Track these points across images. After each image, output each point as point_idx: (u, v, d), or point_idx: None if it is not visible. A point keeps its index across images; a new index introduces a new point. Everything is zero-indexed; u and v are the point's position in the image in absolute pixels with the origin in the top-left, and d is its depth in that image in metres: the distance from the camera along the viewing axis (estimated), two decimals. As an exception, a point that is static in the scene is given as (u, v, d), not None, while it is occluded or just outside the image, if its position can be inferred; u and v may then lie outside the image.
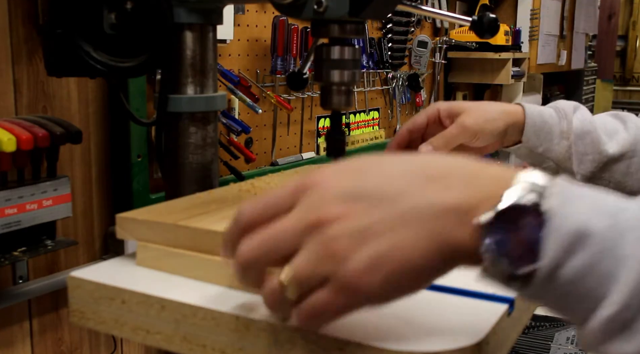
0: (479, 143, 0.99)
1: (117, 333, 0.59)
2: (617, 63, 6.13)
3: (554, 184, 0.43)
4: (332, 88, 0.78)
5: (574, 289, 0.41)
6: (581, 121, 0.99)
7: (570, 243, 0.40)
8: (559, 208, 0.41)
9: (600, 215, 0.41)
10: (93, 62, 0.81)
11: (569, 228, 0.41)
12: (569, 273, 0.40)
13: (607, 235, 0.40)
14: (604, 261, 0.40)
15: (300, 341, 0.50)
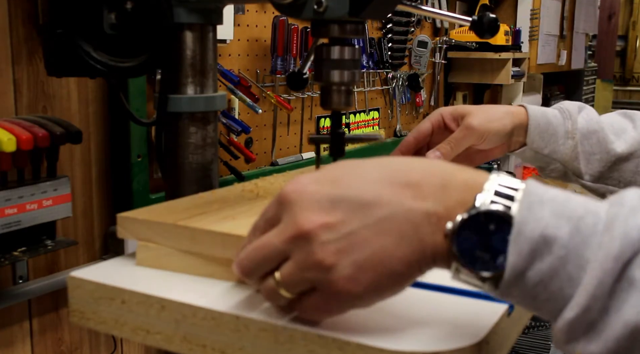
0: (486, 145, 0.98)
1: (117, 333, 0.59)
2: (617, 63, 6.13)
3: (521, 190, 0.45)
4: (332, 88, 0.78)
5: (541, 291, 0.43)
6: (587, 120, 0.99)
7: (533, 248, 0.42)
8: (523, 214, 0.43)
9: (563, 221, 0.43)
10: (93, 62, 0.81)
11: (533, 233, 0.43)
12: (534, 276, 0.43)
13: (569, 240, 0.42)
14: (567, 266, 0.42)
15: (301, 341, 0.50)
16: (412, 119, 2.34)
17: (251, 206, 0.70)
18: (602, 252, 0.41)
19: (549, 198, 0.44)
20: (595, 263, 0.41)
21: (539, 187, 0.45)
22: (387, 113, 2.17)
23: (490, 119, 0.98)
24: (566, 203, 0.44)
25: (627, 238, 0.41)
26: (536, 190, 0.45)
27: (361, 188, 0.46)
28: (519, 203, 0.44)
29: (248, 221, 0.55)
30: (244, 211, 0.68)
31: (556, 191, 0.45)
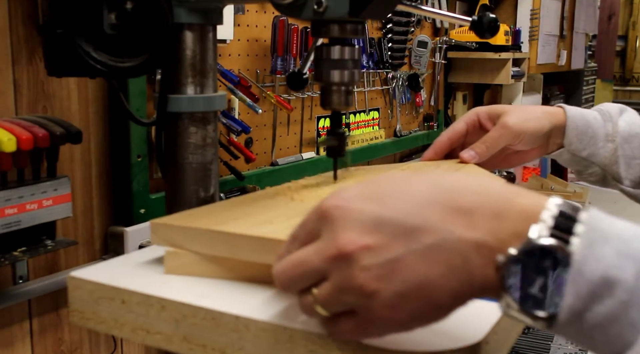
0: (523, 146, 0.95)
1: (117, 333, 0.59)
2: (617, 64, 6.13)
3: (584, 221, 0.42)
4: (332, 88, 0.78)
5: (598, 334, 0.40)
6: (629, 123, 0.95)
7: (593, 290, 0.40)
8: (584, 251, 0.40)
9: (628, 262, 0.40)
10: (93, 62, 0.81)
11: (593, 274, 0.40)
12: (593, 319, 0.40)
13: (635, 283, 0.40)
14: (630, 310, 0.39)
15: (301, 341, 0.50)
16: (412, 119, 2.34)
17: (286, 210, 0.68)
18: None
19: (614, 234, 0.41)
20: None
21: (603, 220, 0.42)
22: (387, 113, 2.17)
23: (527, 118, 0.95)
24: (633, 241, 0.41)
25: None
26: (600, 224, 0.42)
27: (409, 211, 0.43)
28: (579, 238, 0.41)
29: (285, 225, 0.54)
30: (280, 215, 0.65)
31: (622, 224, 0.42)
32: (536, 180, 3.18)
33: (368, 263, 0.42)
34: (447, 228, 0.43)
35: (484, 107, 0.97)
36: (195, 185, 0.89)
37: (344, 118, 1.89)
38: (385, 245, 0.42)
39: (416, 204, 0.43)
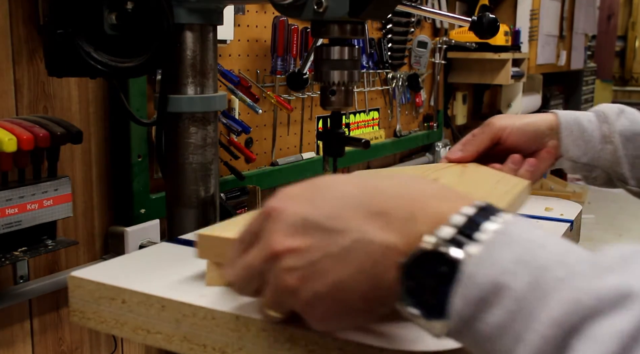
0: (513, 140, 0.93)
1: (117, 333, 0.59)
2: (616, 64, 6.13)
3: (491, 225, 0.40)
4: (331, 89, 0.79)
5: (491, 348, 0.38)
6: (631, 122, 0.93)
7: (482, 296, 0.38)
8: (481, 255, 0.39)
9: (523, 269, 0.38)
10: (93, 63, 0.81)
11: (484, 279, 0.38)
12: (484, 329, 0.38)
13: (525, 293, 0.37)
14: (515, 323, 0.37)
15: (301, 341, 0.50)
16: (412, 119, 2.34)
17: None
18: (546, 315, 0.36)
19: (520, 239, 0.39)
20: (539, 326, 0.36)
21: (518, 225, 0.40)
22: (387, 114, 2.17)
23: (513, 117, 0.95)
24: (538, 249, 0.38)
25: (577, 304, 0.35)
26: (510, 228, 0.40)
27: (332, 213, 0.44)
28: (481, 242, 0.39)
29: None
30: None
31: (537, 232, 0.40)
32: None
33: (293, 264, 0.44)
34: (362, 230, 0.43)
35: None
36: (195, 185, 0.89)
37: (344, 118, 1.89)
38: (308, 247, 0.44)
39: (339, 206, 0.44)
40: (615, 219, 2.66)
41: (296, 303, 0.45)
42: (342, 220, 0.44)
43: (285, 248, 0.44)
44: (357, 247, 0.43)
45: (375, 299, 0.43)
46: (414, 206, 0.43)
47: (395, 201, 0.44)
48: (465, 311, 0.39)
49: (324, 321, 0.46)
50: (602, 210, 2.75)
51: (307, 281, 0.44)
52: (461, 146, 0.96)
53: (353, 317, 0.45)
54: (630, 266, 0.36)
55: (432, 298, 0.40)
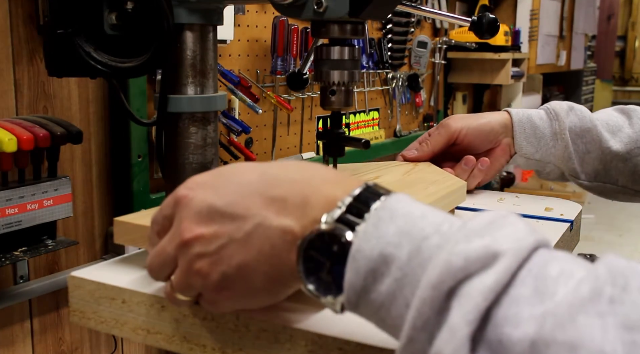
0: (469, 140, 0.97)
1: (117, 333, 0.59)
2: (616, 64, 6.13)
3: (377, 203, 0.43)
4: (331, 89, 0.79)
5: (386, 316, 0.41)
6: (580, 118, 0.97)
7: (372, 267, 0.41)
8: (368, 230, 0.42)
9: (405, 240, 0.40)
10: (93, 63, 0.81)
11: (372, 252, 0.41)
12: (377, 298, 0.41)
13: (408, 261, 0.40)
14: (404, 290, 0.40)
15: (301, 341, 0.50)
16: (412, 119, 2.34)
17: None
18: (424, 279, 0.38)
19: (402, 214, 0.42)
20: (420, 291, 0.38)
21: (400, 201, 0.43)
22: (387, 114, 2.17)
23: (467, 117, 0.99)
24: (418, 220, 0.41)
25: (449, 266, 0.38)
26: (395, 204, 0.43)
27: (235, 200, 0.47)
28: (368, 219, 0.42)
29: None
30: None
31: (418, 205, 0.43)
32: (535, 180, 3.18)
33: (202, 250, 0.47)
34: (262, 215, 0.46)
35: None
36: (195, 185, 0.89)
37: (344, 118, 1.89)
38: (214, 233, 0.47)
39: (241, 193, 0.47)
40: (615, 219, 2.66)
41: (205, 286, 0.48)
42: (243, 207, 0.47)
43: (193, 236, 0.47)
44: (258, 231, 0.46)
45: (277, 279, 0.47)
46: (307, 191, 0.46)
47: (291, 186, 0.47)
48: (357, 284, 0.41)
49: (233, 302, 0.49)
50: (602, 210, 2.75)
51: (216, 265, 0.47)
52: (417, 145, 0.99)
53: (259, 297, 0.48)
54: (495, 230, 0.39)
55: (328, 276, 0.43)
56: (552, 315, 0.35)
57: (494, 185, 2.81)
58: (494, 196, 1.02)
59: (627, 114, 0.99)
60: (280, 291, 0.48)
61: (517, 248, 0.38)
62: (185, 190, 0.50)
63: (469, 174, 0.97)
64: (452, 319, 0.36)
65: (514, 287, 0.37)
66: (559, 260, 0.39)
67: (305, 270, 0.44)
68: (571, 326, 0.34)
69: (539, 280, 0.37)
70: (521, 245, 0.39)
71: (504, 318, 0.36)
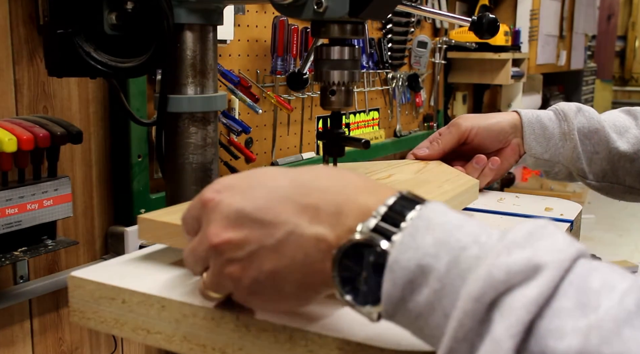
0: (479, 139, 0.98)
1: (117, 333, 0.59)
2: (616, 64, 6.13)
3: (413, 213, 0.43)
4: (331, 89, 0.79)
5: (424, 325, 0.41)
6: (588, 119, 0.98)
7: (410, 278, 0.41)
8: (405, 241, 0.41)
9: (443, 250, 0.40)
10: (93, 63, 0.81)
11: (409, 262, 0.41)
12: (415, 308, 0.41)
13: (446, 272, 0.40)
14: (443, 300, 0.40)
15: (301, 341, 0.50)
16: (412, 119, 2.34)
17: None
18: (465, 291, 0.38)
19: (439, 223, 0.42)
20: (459, 302, 0.38)
21: (435, 210, 0.43)
22: (387, 114, 2.17)
23: (477, 117, 1.00)
24: (455, 231, 0.41)
25: (490, 278, 0.38)
26: (430, 214, 0.43)
27: (265, 205, 0.47)
28: (404, 229, 0.42)
29: None
30: None
31: (454, 215, 0.43)
32: (536, 180, 3.18)
33: (232, 255, 0.47)
34: (293, 222, 0.46)
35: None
36: (195, 185, 0.89)
37: (344, 118, 1.89)
38: (244, 239, 0.47)
39: (272, 199, 0.47)
40: (615, 219, 2.66)
41: (237, 289, 0.48)
42: (274, 213, 0.46)
43: (222, 241, 0.47)
44: (290, 239, 0.46)
45: (308, 286, 0.47)
46: (341, 199, 0.46)
47: (324, 195, 0.47)
48: (395, 294, 0.41)
49: (263, 305, 0.49)
50: (602, 210, 2.75)
51: (247, 271, 0.47)
52: (428, 143, 1.00)
53: (290, 302, 0.48)
54: (535, 241, 0.39)
55: (364, 285, 0.43)
56: (597, 328, 0.35)
57: (494, 185, 2.81)
58: (494, 196, 1.02)
59: (633, 115, 1.00)
60: (310, 297, 0.48)
61: (559, 260, 0.38)
62: (212, 193, 0.50)
63: (479, 173, 0.97)
64: (496, 332, 0.37)
65: (557, 299, 0.37)
66: (600, 270, 0.39)
67: (340, 279, 0.44)
68: (617, 340, 0.34)
69: (581, 292, 0.37)
70: (562, 256, 0.39)
71: (548, 331, 0.36)
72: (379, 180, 0.84)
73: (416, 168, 0.93)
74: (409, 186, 0.81)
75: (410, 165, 0.95)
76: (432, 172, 0.91)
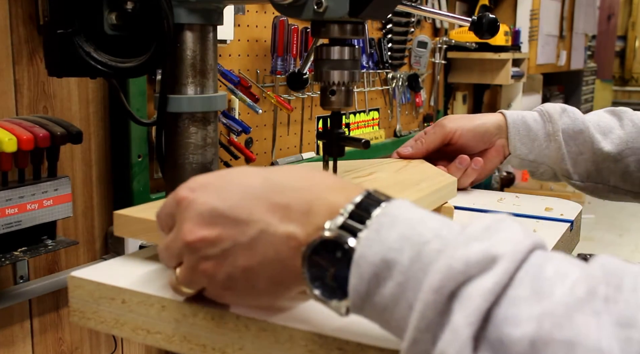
0: (464, 140, 0.99)
1: (117, 333, 0.59)
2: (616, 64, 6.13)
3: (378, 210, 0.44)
4: (331, 89, 0.79)
5: (389, 318, 0.42)
6: (572, 120, 0.99)
7: (376, 272, 0.42)
8: (370, 236, 0.43)
9: (407, 245, 0.42)
10: (94, 63, 0.81)
11: (375, 257, 0.42)
12: (380, 301, 0.42)
13: (410, 266, 0.41)
14: (407, 293, 0.41)
15: (300, 341, 0.50)
16: (412, 119, 2.34)
17: None
18: (426, 283, 0.40)
19: (403, 219, 0.43)
20: (421, 294, 0.40)
21: (400, 207, 0.45)
22: (387, 114, 2.17)
23: (462, 117, 1.01)
24: (417, 226, 0.43)
25: (450, 270, 0.39)
26: (395, 211, 0.44)
27: (239, 204, 0.48)
28: (369, 226, 0.43)
29: None
30: None
31: (418, 211, 0.44)
32: (536, 181, 3.19)
33: (206, 253, 0.49)
34: (265, 221, 0.47)
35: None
36: (195, 185, 0.89)
37: (344, 118, 1.89)
38: (218, 237, 0.48)
39: (245, 198, 0.48)
40: (615, 219, 2.66)
41: (210, 284, 0.50)
42: (247, 211, 0.48)
43: (196, 238, 0.49)
44: (262, 237, 0.47)
45: (280, 282, 0.48)
46: (311, 198, 0.47)
47: (295, 194, 0.48)
48: (361, 288, 0.43)
49: (237, 300, 0.51)
50: (602, 210, 2.75)
51: (221, 267, 0.48)
52: (413, 142, 1.02)
53: (262, 297, 0.50)
54: (492, 234, 0.41)
55: (332, 281, 0.45)
56: (550, 315, 0.36)
57: (494, 185, 2.81)
58: (494, 196, 1.02)
59: (617, 115, 1.01)
60: (282, 293, 0.50)
61: (514, 251, 0.40)
62: (186, 191, 0.51)
63: (462, 173, 0.98)
64: (455, 321, 0.38)
65: (512, 288, 0.38)
66: (554, 260, 0.40)
67: (310, 275, 0.45)
68: (568, 325, 0.36)
69: (536, 280, 0.39)
70: (518, 247, 0.40)
71: (504, 318, 0.37)
72: (360, 178, 0.85)
73: (398, 167, 0.94)
74: (388, 184, 0.82)
75: (393, 164, 0.96)
76: (413, 170, 0.92)
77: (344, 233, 0.44)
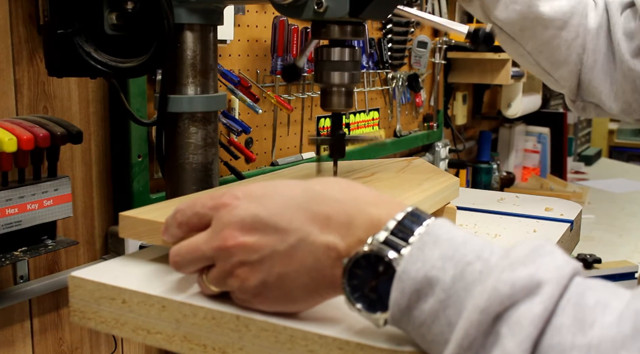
0: None
1: (117, 333, 0.59)
2: (616, 64, 6.10)
3: (421, 228, 0.46)
4: (332, 90, 0.79)
5: (426, 333, 0.44)
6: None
7: (417, 288, 0.44)
8: (413, 253, 0.45)
9: (449, 264, 0.44)
10: (94, 63, 0.81)
11: (417, 273, 0.44)
12: (419, 316, 0.44)
13: (452, 284, 0.43)
14: (447, 310, 0.43)
15: (301, 341, 0.50)
16: (412, 119, 2.34)
17: None
18: (472, 303, 0.41)
19: (445, 239, 0.45)
20: (465, 313, 0.41)
21: (442, 227, 0.46)
22: (387, 114, 2.17)
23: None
24: (460, 246, 0.45)
25: (496, 292, 0.41)
26: (437, 230, 0.46)
27: (279, 213, 0.50)
28: (412, 243, 0.45)
29: None
30: None
31: (459, 232, 0.46)
32: (536, 180, 3.18)
33: (244, 258, 0.50)
34: (305, 230, 0.49)
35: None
36: (195, 185, 0.89)
37: (344, 118, 1.89)
38: (257, 243, 0.50)
39: (286, 206, 0.50)
40: (615, 219, 2.66)
41: (242, 288, 0.51)
42: (287, 219, 0.49)
43: (237, 243, 0.50)
44: (302, 245, 0.49)
45: (315, 291, 0.50)
46: (352, 211, 0.49)
47: (336, 205, 0.50)
48: (402, 303, 0.44)
49: (268, 306, 0.52)
50: (602, 210, 2.75)
51: (256, 273, 0.50)
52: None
53: (292, 304, 0.51)
54: (537, 258, 0.42)
55: (372, 293, 0.47)
56: (596, 348, 0.38)
57: (494, 185, 2.81)
58: (494, 196, 1.02)
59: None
60: (315, 301, 0.51)
61: (558, 276, 0.41)
62: (231, 198, 0.52)
63: None
64: (507, 346, 0.39)
65: (557, 315, 0.40)
66: (594, 289, 0.41)
67: (350, 288, 0.47)
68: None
69: (578, 308, 0.40)
70: (561, 273, 0.41)
71: (550, 346, 0.39)
72: (362, 178, 0.85)
73: (399, 167, 0.94)
74: (390, 184, 0.82)
75: (393, 164, 0.97)
76: (414, 170, 0.93)
77: (387, 248, 0.46)
